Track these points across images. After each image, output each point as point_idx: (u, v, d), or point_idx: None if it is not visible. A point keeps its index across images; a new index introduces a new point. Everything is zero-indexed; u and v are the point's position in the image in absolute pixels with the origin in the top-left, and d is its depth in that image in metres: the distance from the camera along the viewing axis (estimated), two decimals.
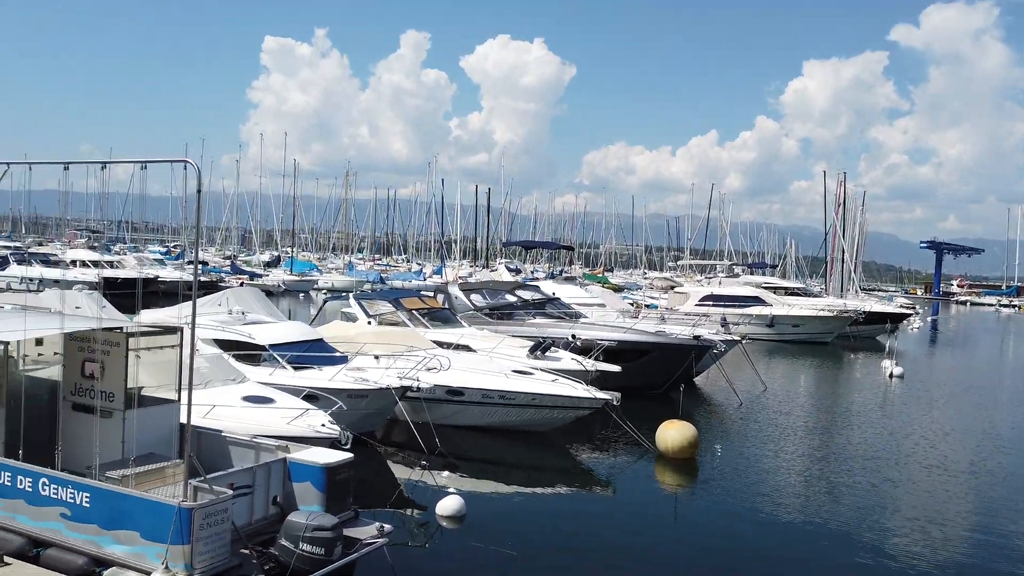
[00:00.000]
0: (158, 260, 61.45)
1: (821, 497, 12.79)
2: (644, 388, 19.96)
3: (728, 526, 11.26)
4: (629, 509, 12.05)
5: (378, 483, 12.44)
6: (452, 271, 58.96)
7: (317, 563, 7.33)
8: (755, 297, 41.60)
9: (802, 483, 13.73)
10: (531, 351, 18.43)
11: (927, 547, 10.64)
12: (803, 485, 13.59)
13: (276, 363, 14.45)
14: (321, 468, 8.34)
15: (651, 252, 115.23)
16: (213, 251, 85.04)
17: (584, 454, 15.18)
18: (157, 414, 8.94)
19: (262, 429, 10.22)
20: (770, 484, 13.48)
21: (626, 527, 11.17)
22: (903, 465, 15.19)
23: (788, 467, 14.79)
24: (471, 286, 27.21)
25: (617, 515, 11.77)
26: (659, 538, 10.79)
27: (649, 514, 11.86)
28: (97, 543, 7.30)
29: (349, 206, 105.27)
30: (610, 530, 11.01)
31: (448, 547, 9.97)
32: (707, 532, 11.10)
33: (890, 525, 11.54)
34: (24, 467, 7.84)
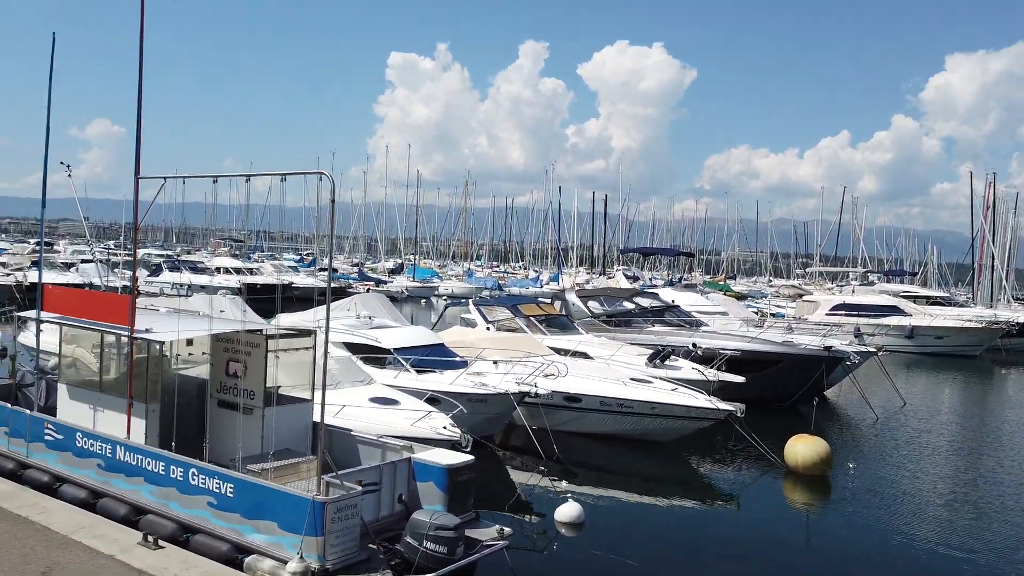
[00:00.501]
0: (292, 267, 65.01)
1: (966, 524, 11.83)
2: (770, 400, 19.21)
3: (862, 549, 10.61)
4: (754, 525, 11.60)
5: (497, 486, 12.60)
6: (569, 278, 58.92)
7: (440, 561, 7.52)
8: (892, 306, 39.09)
9: (945, 507, 12.73)
10: (650, 359, 18.14)
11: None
12: (946, 510, 12.61)
13: (400, 366, 14.95)
14: (444, 469, 8.56)
15: (777, 259, 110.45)
16: (341, 259, 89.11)
17: (706, 466, 14.76)
18: (292, 412, 9.46)
19: (387, 429, 10.61)
20: (909, 507, 12.60)
21: (751, 544, 10.76)
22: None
23: (929, 489, 13.78)
24: (588, 293, 27.12)
25: (742, 531, 11.36)
26: (786, 557, 10.32)
27: (776, 532, 11.37)
28: (239, 531, 7.81)
29: (468, 214, 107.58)
30: (734, 546, 10.64)
31: (567, 553, 9.95)
32: (839, 554, 10.51)
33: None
34: (176, 458, 8.51)
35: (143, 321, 9.35)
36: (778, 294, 58.89)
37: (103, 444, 9.15)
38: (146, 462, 8.67)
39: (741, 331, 23.74)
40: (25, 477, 9.70)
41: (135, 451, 8.83)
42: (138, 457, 8.77)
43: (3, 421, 10.38)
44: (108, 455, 9.07)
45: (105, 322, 9.55)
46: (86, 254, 51.47)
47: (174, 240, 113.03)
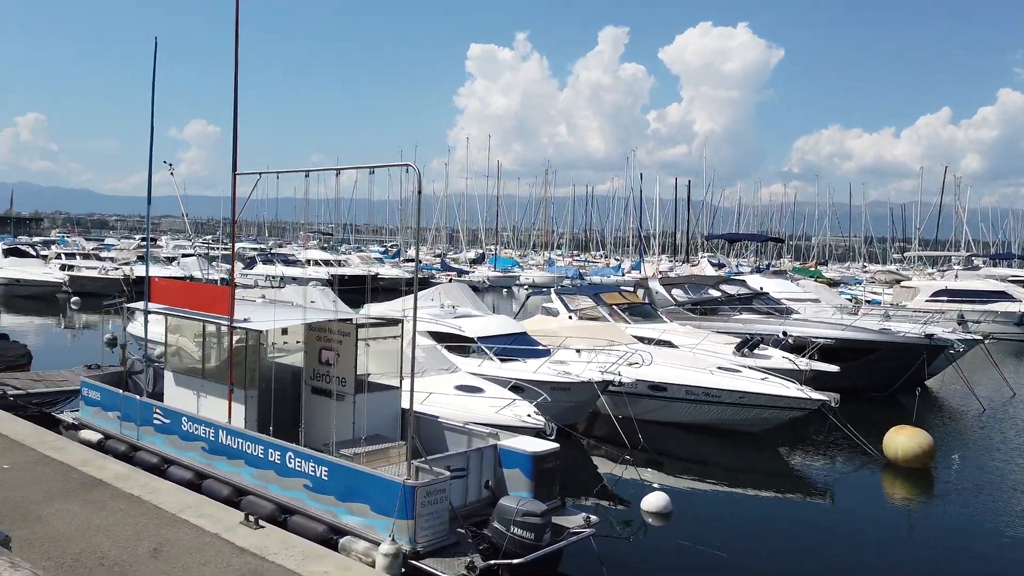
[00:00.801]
0: (378, 259, 66.60)
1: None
2: (867, 390, 18.45)
3: (965, 547, 10.09)
4: (851, 519, 11.17)
5: (582, 474, 12.58)
6: (651, 266, 58.08)
7: (527, 547, 7.58)
8: (1000, 292, 36.76)
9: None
10: (738, 348, 17.70)
11: None
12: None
13: (484, 355, 15.10)
14: (530, 456, 8.61)
15: (871, 243, 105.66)
16: (424, 249, 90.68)
17: (798, 458, 14.31)
18: (382, 399, 9.71)
19: (473, 416, 10.75)
20: (1018, 503, 11.87)
21: (848, 539, 10.37)
22: None
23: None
24: (672, 281, 26.66)
25: (837, 525, 10.97)
26: (884, 553, 9.89)
27: (874, 527, 10.91)
28: (334, 513, 8.09)
29: (548, 204, 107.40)
30: (829, 541, 10.30)
31: (654, 543, 9.86)
32: (941, 552, 10.03)
33: None
34: (274, 442, 8.87)
35: (241, 311, 9.77)
36: (873, 280, 56.32)
37: (207, 428, 9.64)
38: (246, 446, 9.09)
39: (834, 318, 22.86)
40: (136, 459, 10.32)
41: (236, 435, 9.27)
42: (239, 441, 9.20)
43: (116, 406, 11.07)
44: (211, 439, 9.55)
45: (207, 312, 10.03)
46: (187, 248, 54.21)
47: (266, 234, 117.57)
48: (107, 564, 6.80)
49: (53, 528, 7.51)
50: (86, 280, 39.44)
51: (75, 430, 11.53)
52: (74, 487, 8.70)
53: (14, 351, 17.09)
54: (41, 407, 13.18)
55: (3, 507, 7.95)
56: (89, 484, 8.83)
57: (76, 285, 38.81)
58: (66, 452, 10.08)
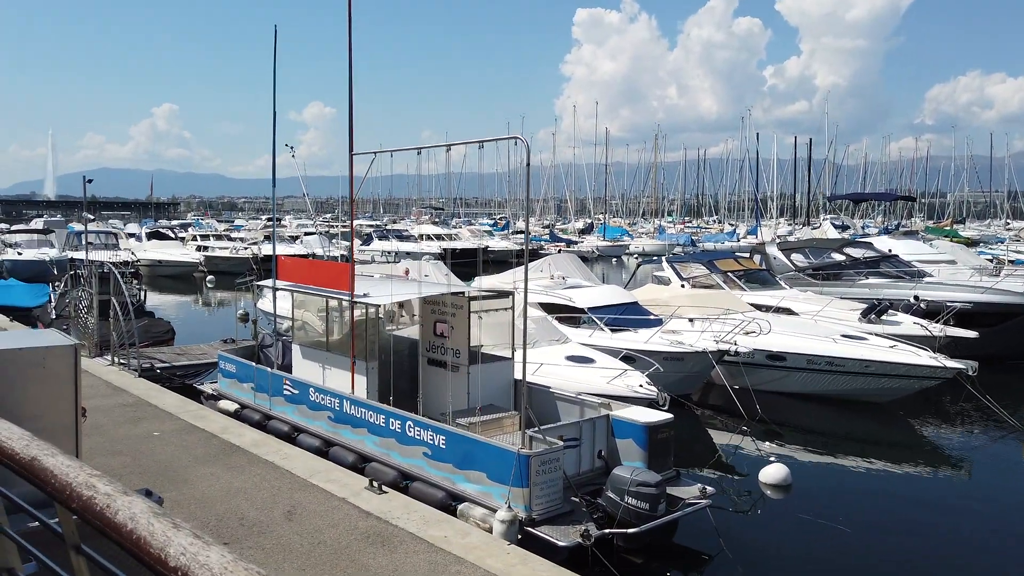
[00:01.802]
0: (488, 232, 67.48)
1: None
2: (1009, 357, 17.13)
3: None
4: (989, 496, 10.49)
5: (697, 445, 12.41)
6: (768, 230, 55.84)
7: (643, 517, 7.58)
8: None
9: None
10: (864, 314, 16.84)
11: None
12: None
13: (595, 325, 15.07)
14: (643, 426, 8.57)
15: (1016, 199, 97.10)
16: (533, 221, 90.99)
17: (930, 430, 13.52)
18: (495, 370, 9.90)
19: (584, 387, 10.79)
20: None
21: (985, 516, 9.75)
22: None
23: None
24: (791, 245, 25.56)
25: (974, 501, 10.32)
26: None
27: (1013, 501, 10.20)
28: (452, 480, 8.37)
29: (658, 169, 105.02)
30: (964, 518, 9.71)
31: (773, 515, 9.62)
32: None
33: None
34: (395, 411, 9.25)
35: (361, 287, 10.19)
36: (1018, 238, 51.82)
37: (332, 398, 10.17)
38: (368, 415, 9.53)
39: (972, 281, 21.25)
40: (269, 427, 11.03)
41: (359, 404, 9.73)
42: (361, 410, 9.66)
43: (250, 378, 11.85)
44: (337, 408, 10.07)
45: (329, 288, 10.53)
46: (309, 227, 56.84)
47: (381, 210, 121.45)
48: (247, 524, 7.35)
49: (198, 490, 8.17)
50: (219, 260, 42.24)
51: (214, 400, 12.44)
52: (215, 453, 9.42)
53: (160, 327, 18.61)
54: (184, 379, 14.29)
55: (156, 471, 8.72)
56: (228, 450, 9.53)
57: (211, 265, 41.64)
58: (207, 420, 10.90)
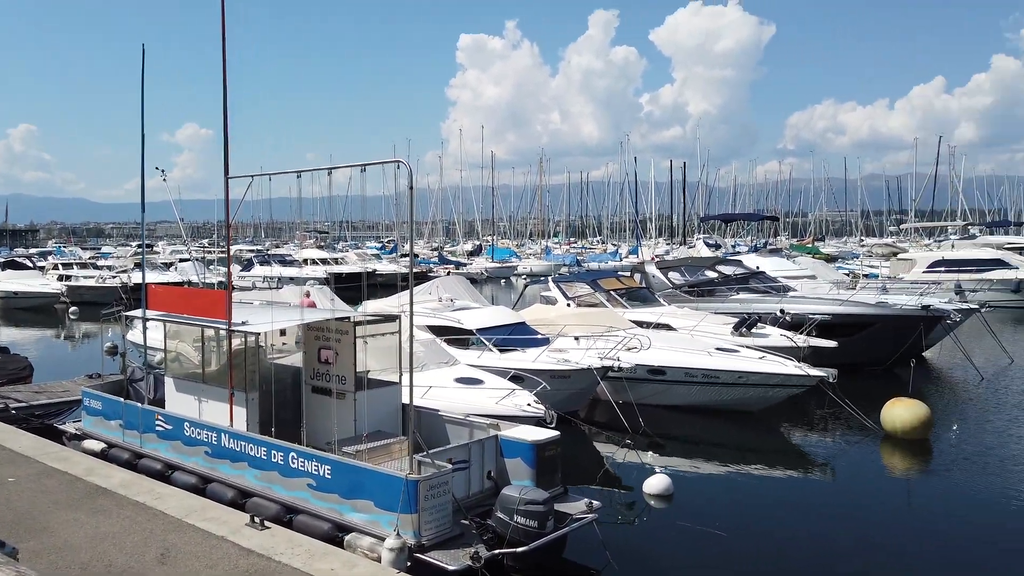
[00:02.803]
0: (375, 255, 66.61)
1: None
2: (865, 364, 18.55)
3: (968, 515, 10.19)
4: (851, 494, 11.28)
5: (584, 461, 12.67)
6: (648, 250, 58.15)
7: (531, 535, 7.66)
8: (996, 260, 36.91)
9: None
10: (736, 328, 17.79)
11: None
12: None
13: (483, 346, 15.18)
14: (531, 445, 8.69)
15: (868, 217, 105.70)
16: (421, 243, 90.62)
17: (798, 435, 14.41)
18: (382, 395, 9.77)
19: (473, 408, 10.83)
20: (1019, 471, 11.96)
21: (848, 513, 10.47)
22: None
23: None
24: (668, 264, 26.72)
25: (837, 500, 11.07)
26: (885, 526, 9.99)
27: (874, 500, 11.01)
28: (339, 511, 8.16)
29: (543, 192, 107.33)
30: (830, 516, 10.39)
31: (656, 525, 9.95)
32: (942, 521, 10.12)
33: None
34: (277, 443, 8.94)
35: (239, 314, 9.82)
36: (871, 254, 56.38)
37: (209, 432, 9.71)
38: (249, 448, 9.16)
39: (831, 294, 22.94)
40: (140, 466, 10.39)
41: (238, 438, 9.34)
42: (241, 443, 9.27)
43: (118, 414, 11.13)
44: (214, 442, 9.62)
45: (205, 317, 10.08)
46: (183, 253, 54.21)
47: (263, 235, 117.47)
48: (115, 571, 6.88)
49: (60, 538, 7.58)
50: (84, 289, 39.50)
51: (78, 440, 11.60)
52: (80, 496, 8.78)
53: (15, 364, 17.14)
54: (44, 419, 13.25)
55: (10, 520, 8.02)
56: (94, 493, 8.90)
57: (74, 295, 38.86)
58: (70, 462, 10.15)
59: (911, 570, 8.66)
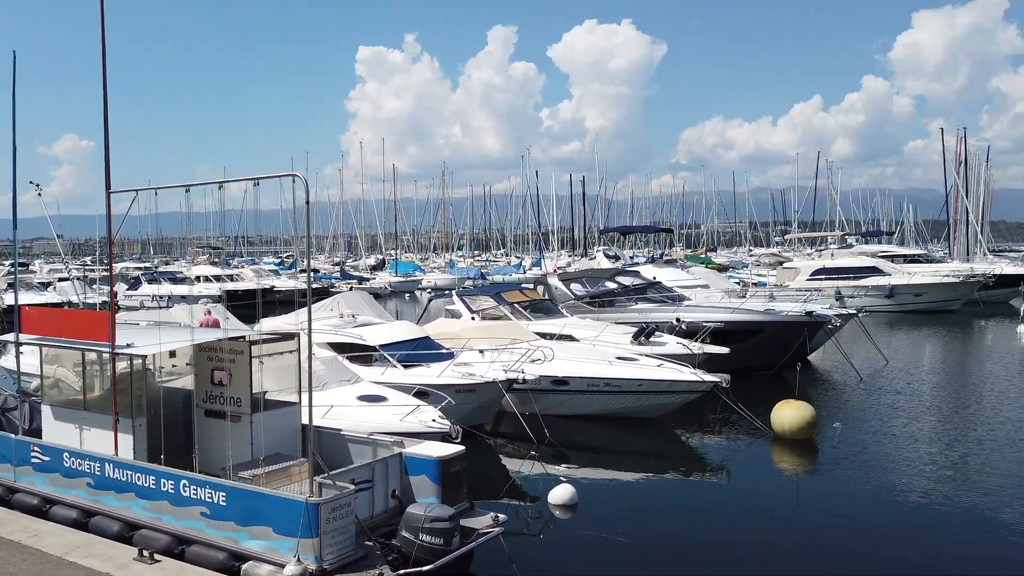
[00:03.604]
0: (273, 271, 64.64)
1: (951, 479, 12.06)
2: (755, 369, 19.43)
3: (851, 510, 10.80)
4: (744, 493, 11.77)
5: (490, 474, 12.69)
6: (551, 262, 59.03)
7: (437, 553, 7.59)
8: (871, 267, 39.59)
9: (931, 464, 12.95)
10: (635, 337, 18.27)
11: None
12: (932, 466, 12.82)
13: (387, 362, 14.97)
14: (435, 461, 8.62)
15: (756, 228, 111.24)
16: (322, 258, 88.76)
17: (695, 439, 14.93)
18: (280, 416, 9.46)
19: (377, 426, 10.64)
20: (896, 465, 12.83)
21: (742, 511, 10.92)
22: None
23: (915, 447, 14.01)
24: (570, 276, 27.20)
25: (732, 500, 11.53)
26: (777, 522, 10.49)
27: (766, 498, 11.54)
28: (235, 539, 7.83)
29: (447, 205, 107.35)
30: (725, 515, 10.80)
31: (561, 535, 10.07)
32: (828, 516, 10.69)
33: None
34: (167, 471, 8.50)
35: (124, 336, 9.30)
36: (759, 263, 59.36)
37: (91, 462, 9.12)
38: (136, 477, 8.66)
39: (723, 302, 23.90)
40: (14, 502, 9.66)
41: (124, 467, 8.82)
42: (128, 473, 8.76)
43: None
44: (97, 473, 9.04)
45: (86, 340, 9.48)
46: (62, 272, 50.90)
47: (151, 252, 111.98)
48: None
49: None
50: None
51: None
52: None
53: None
54: None
55: None
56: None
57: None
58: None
59: (801, 566, 9.10)
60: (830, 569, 8.96)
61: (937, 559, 9.24)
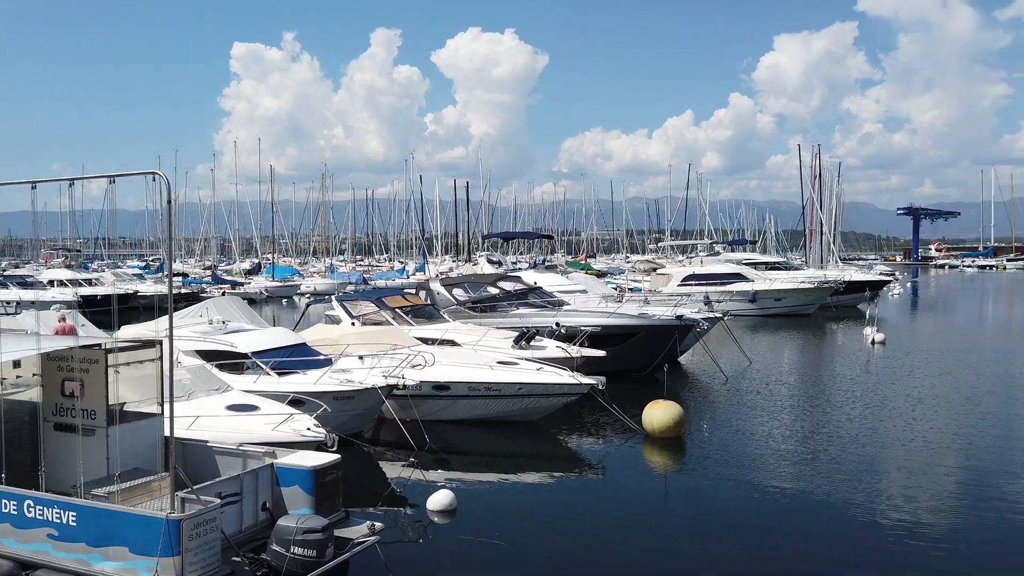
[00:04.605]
0: (137, 275, 60.83)
1: (808, 470, 12.94)
2: (630, 371, 20.11)
3: (717, 503, 11.38)
4: (619, 492, 12.15)
5: (369, 482, 12.47)
6: (435, 267, 58.79)
7: (309, 565, 7.36)
8: (736, 274, 41.99)
9: (790, 456, 13.86)
10: (515, 341, 18.50)
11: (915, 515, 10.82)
12: (790, 458, 13.73)
13: (260, 370, 14.41)
14: (308, 471, 8.36)
15: (632, 236, 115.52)
16: (193, 262, 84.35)
17: (573, 440, 15.28)
18: (140, 429, 8.90)
19: (248, 437, 10.20)
20: (758, 459, 13.62)
21: (616, 510, 11.26)
22: (889, 433, 15.40)
23: (775, 441, 14.94)
24: (452, 281, 27.22)
25: (607, 498, 11.87)
26: (649, 519, 10.89)
27: (638, 496, 11.97)
28: (86, 561, 7.29)
29: (327, 209, 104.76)
30: (600, 514, 11.10)
31: (439, 541, 10.01)
32: (697, 510, 11.21)
33: (877, 494, 11.69)
34: (8, 490, 7.80)
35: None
36: (635, 269, 61.60)
37: None
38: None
39: (601, 307, 24.63)
40: None
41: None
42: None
43: None
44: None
45: None
46: None
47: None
48: None
49: None
50: None
51: None
52: None
53: None
54: None
55: None
56: None
57: None
58: None
59: (671, 560, 9.47)
60: (697, 563, 9.37)
61: (792, 547, 9.87)
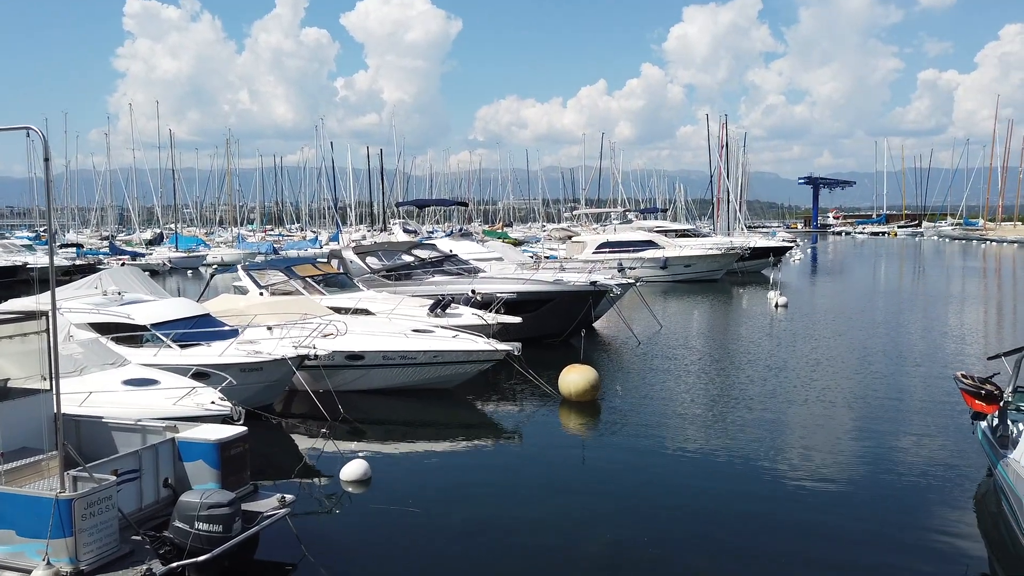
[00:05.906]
0: (27, 246, 57.05)
1: (716, 431, 13.36)
2: (546, 336, 20.32)
3: (631, 464, 11.62)
4: (536, 456, 12.26)
5: (280, 455, 12.16)
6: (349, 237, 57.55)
7: (215, 540, 7.11)
8: (648, 241, 42.92)
9: (699, 418, 14.30)
10: (431, 309, 18.33)
11: (814, 471, 11.36)
12: (699, 420, 14.16)
13: (160, 343, 13.77)
14: (213, 445, 8.05)
15: (548, 205, 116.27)
16: (88, 232, 79.81)
17: (490, 406, 15.31)
18: (25, 406, 8.33)
19: (147, 412, 9.74)
20: (669, 420, 14.01)
21: (533, 473, 11.37)
22: (790, 393, 16.10)
23: (685, 403, 15.39)
24: (365, 249, 26.70)
25: (524, 463, 11.96)
26: (566, 482, 11.01)
27: (555, 459, 12.10)
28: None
29: (234, 176, 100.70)
30: (517, 478, 11.18)
31: (353, 511, 9.87)
32: (612, 471, 11.42)
33: (779, 451, 12.22)
34: None
35: None
36: (551, 237, 62.14)
37: None
38: None
39: (516, 274, 24.71)
40: None
41: None
42: None
43: None
44: None
45: None
46: None
47: None
48: None
49: None
50: None
51: None
52: None
53: None
54: None
55: None
56: None
57: None
58: None
59: (586, 526, 9.56)
60: (613, 523, 9.55)
61: (701, 505, 10.18)
